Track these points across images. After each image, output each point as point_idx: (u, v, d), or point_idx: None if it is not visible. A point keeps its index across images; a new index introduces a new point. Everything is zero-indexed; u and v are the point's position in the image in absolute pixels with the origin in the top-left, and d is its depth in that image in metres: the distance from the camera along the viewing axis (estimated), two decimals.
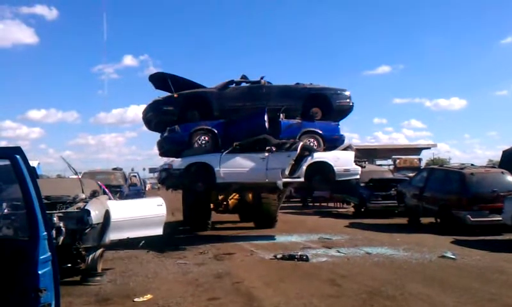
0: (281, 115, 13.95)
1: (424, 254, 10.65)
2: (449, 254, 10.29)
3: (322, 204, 27.51)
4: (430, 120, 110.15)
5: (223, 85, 14.36)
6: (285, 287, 7.99)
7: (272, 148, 12.90)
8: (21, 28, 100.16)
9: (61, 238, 7.23)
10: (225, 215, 17.86)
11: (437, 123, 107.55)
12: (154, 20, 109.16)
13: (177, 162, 13.15)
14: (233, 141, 13.06)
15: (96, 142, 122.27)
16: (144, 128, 15.44)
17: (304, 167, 12.89)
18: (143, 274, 9.04)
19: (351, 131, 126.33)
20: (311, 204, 27.83)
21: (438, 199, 15.17)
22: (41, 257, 4.07)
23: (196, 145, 13.44)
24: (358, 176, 13.88)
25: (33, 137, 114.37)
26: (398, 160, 36.49)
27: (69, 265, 8.23)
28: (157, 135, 15.24)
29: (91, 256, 8.28)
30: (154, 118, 14.51)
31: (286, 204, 28.66)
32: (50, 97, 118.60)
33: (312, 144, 13.74)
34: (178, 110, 13.85)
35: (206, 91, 14.49)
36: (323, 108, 14.45)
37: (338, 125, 14.72)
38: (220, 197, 16.63)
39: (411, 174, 22.85)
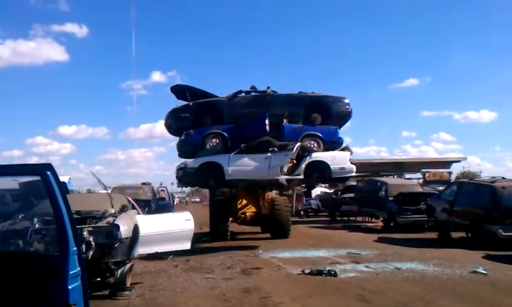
0: (284, 120, 15.40)
1: (455, 269, 10.45)
2: (481, 270, 10.07)
3: (350, 218, 27.34)
4: (459, 133, 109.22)
5: (232, 94, 16.10)
6: (313, 303, 7.93)
7: (275, 148, 14.56)
8: (53, 46, 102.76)
9: (91, 252, 7.31)
10: (245, 227, 19.67)
11: (467, 136, 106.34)
12: (182, 36, 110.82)
13: (191, 162, 15.02)
14: (241, 143, 14.79)
15: (125, 157, 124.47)
16: (173, 143, 17.12)
17: (303, 166, 14.41)
18: (171, 288, 9.07)
19: (379, 144, 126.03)
20: (339, 218, 27.72)
21: (468, 213, 14.89)
22: (71, 272, 4.13)
23: (208, 146, 15.16)
24: (353, 174, 15.84)
25: (64, 152, 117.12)
26: (427, 174, 36.04)
27: (98, 279, 8.30)
28: None
29: (120, 270, 8.35)
30: (173, 123, 16.41)
31: (314, 219, 28.73)
32: (80, 113, 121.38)
33: (312, 145, 15.11)
34: (193, 117, 15.66)
35: (217, 100, 16.28)
36: (323, 113, 15.95)
37: (337, 128, 16.10)
38: (239, 210, 18.13)
39: (440, 188, 22.51)
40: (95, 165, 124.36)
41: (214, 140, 15.23)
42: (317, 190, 39.22)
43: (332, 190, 36.62)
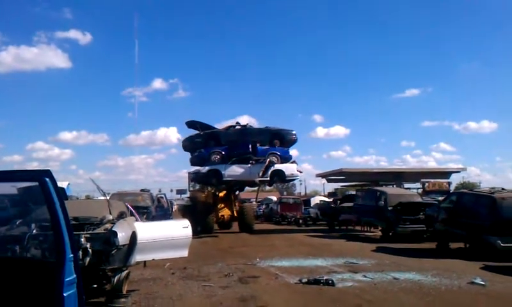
0: (257, 144, 24.83)
1: (453, 280, 10.42)
2: (479, 281, 10.05)
3: (349, 227, 27.30)
4: (460, 143, 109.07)
5: (226, 127, 26.45)
6: None
7: (253, 161, 24.16)
8: (56, 53, 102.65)
9: (88, 259, 7.27)
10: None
11: (467, 146, 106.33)
12: (184, 44, 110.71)
13: (202, 168, 24.46)
14: (233, 157, 24.16)
15: (125, 163, 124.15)
16: (173, 150, 26.22)
17: (269, 172, 24.28)
18: (168, 296, 9.06)
19: (379, 154, 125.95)
20: (337, 227, 27.66)
21: (467, 224, 14.87)
22: (67, 279, 4.12)
23: (212, 159, 24.33)
24: (298, 178, 28.98)
25: (64, 158, 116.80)
26: (427, 184, 35.98)
27: (95, 285, 8.27)
28: (186, 158, 27.11)
29: (116, 277, 8.28)
30: (189, 145, 26.41)
31: (313, 228, 28.73)
32: (81, 119, 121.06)
33: (274, 159, 24.52)
34: (203, 141, 25.30)
35: (217, 130, 26.06)
36: (280, 140, 25.81)
37: (289, 149, 26.22)
38: (219, 212, 26.22)
39: (440, 198, 22.48)
40: (94, 172, 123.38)
41: (216, 156, 24.42)
42: (316, 199, 39.19)
43: (331, 199, 36.57)
